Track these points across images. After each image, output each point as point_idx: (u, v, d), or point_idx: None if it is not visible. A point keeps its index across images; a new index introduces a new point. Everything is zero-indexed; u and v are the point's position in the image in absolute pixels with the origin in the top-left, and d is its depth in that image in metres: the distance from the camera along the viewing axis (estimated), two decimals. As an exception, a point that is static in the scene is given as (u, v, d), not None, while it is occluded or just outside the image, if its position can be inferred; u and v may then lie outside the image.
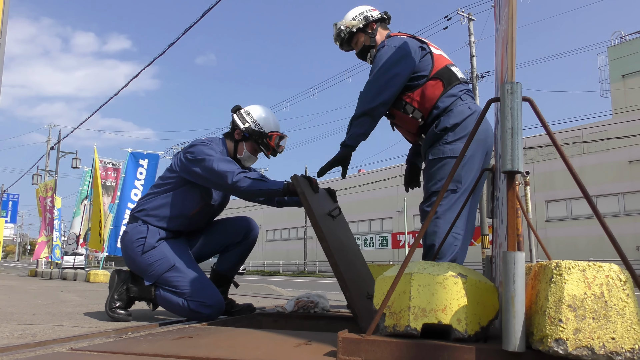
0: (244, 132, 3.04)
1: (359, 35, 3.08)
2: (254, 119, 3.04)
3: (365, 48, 3.06)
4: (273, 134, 3.03)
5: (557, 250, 21.91)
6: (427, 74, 2.79)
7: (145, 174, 10.89)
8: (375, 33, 3.05)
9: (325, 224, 2.48)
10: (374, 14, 3.10)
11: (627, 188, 21.34)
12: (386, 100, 2.73)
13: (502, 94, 1.45)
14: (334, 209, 2.79)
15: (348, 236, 2.93)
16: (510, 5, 1.48)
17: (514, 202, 1.44)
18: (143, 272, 2.89)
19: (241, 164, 3.11)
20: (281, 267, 36.07)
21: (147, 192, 3.11)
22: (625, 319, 1.27)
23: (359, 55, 3.14)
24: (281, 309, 3.12)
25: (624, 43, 24.14)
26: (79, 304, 4.22)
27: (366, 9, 3.13)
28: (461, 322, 1.48)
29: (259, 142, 3.05)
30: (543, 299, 1.34)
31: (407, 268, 1.60)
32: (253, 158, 3.14)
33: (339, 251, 2.45)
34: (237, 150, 3.09)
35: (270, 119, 3.08)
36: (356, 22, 3.08)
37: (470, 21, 21.38)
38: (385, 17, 3.13)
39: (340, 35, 3.13)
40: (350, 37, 3.10)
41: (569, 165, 1.48)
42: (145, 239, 2.90)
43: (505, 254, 1.38)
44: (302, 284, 15.85)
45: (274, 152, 3.09)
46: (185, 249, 3.01)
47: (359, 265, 2.80)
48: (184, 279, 2.82)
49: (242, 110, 3.11)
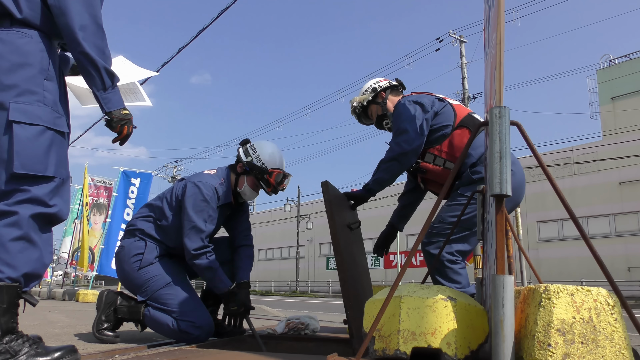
0: (246, 165, 3.05)
1: (371, 107, 3.24)
2: (258, 154, 3.05)
3: (380, 117, 3.20)
4: (274, 171, 3.03)
5: (549, 271, 21.90)
6: (452, 124, 2.87)
7: (137, 193, 10.81)
8: (385, 101, 3.19)
9: (343, 236, 2.46)
10: (382, 83, 3.25)
11: (618, 209, 21.47)
12: (415, 148, 2.79)
13: (491, 118, 1.47)
14: (355, 222, 2.82)
15: (360, 252, 2.94)
16: (498, 32, 1.51)
17: (502, 226, 1.44)
18: (137, 287, 2.87)
19: (241, 197, 3.13)
20: (273, 286, 35.80)
21: (146, 213, 3.06)
22: (613, 344, 1.27)
23: (377, 126, 3.27)
24: (272, 331, 3.10)
25: (613, 66, 24.52)
26: (67, 324, 4.16)
27: (374, 81, 3.29)
28: (451, 346, 1.48)
29: (259, 178, 3.05)
30: (532, 323, 1.34)
31: (396, 291, 1.60)
32: (253, 193, 3.13)
33: (350, 267, 2.43)
34: (237, 183, 3.10)
35: (274, 156, 3.08)
36: (366, 96, 3.24)
37: (461, 43, 21.68)
38: (395, 84, 3.26)
39: (355, 111, 3.30)
40: (364, 111, 3.27)
41: (555, 187, 1.49)
42: (143, 255, 2.89)
43: (495, 277, 1.38)
44: (294, 304, 15.73)
45: (274, 189, 3.08)
46: (181, 268, 3.00)
47: (364, 283, 2.79)
48: (176, 297, 2.81)
49: (248, 144, 3.14)
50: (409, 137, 2.78)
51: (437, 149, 2.86)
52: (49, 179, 1.78)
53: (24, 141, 1.72)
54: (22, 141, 1.71)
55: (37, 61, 1.81)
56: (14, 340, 1.69)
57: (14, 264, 1.68)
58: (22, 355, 1.69)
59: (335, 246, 2.34)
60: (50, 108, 1.81)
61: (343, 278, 2.26)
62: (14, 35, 1.79)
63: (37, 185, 1.75)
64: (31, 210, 1.73)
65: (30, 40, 1.82)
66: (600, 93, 24.58)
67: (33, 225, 1.74)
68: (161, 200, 3.05)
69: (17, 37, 1.79)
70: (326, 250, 35.28)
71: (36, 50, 1.82)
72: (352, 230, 2.74)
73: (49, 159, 1.79)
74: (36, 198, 1.75)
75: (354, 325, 2.22)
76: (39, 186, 1.76)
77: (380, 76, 3.62)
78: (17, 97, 1.74)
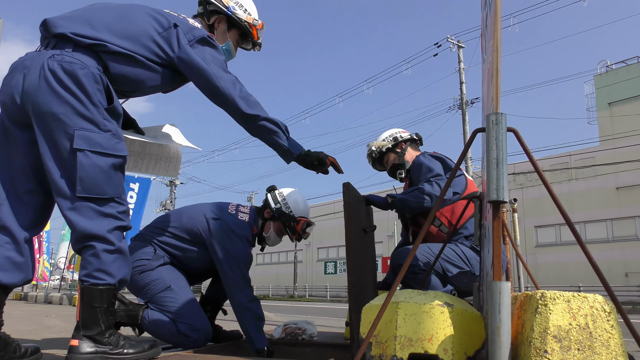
0: (274, 212, 3.06)
1: (389, 155, 3.35)
2: (286, 201, 3.08)
3: (395, 166, 3.31)
4: (302, 220, 3.08)
5: (547, 276, 21.90)
6: (460, 192, 2.99)
7: (136, 198, 10.78)
8: (404, 152, 3.33)
9: (357, 240, 2.47)
10: (404, 135, 3.38)
11: (615, 214, 21.50)
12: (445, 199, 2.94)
13: (488, 125, 1.47)
14: (370, 226, 2.83)
15: (371, 256, 2.95)
16: (495, 39, 1.52)
17: (499, 232, 1.45)
18: (138, 290, 2.87)
19: (265, 242, 3.15)
20: (271, 291, 35.73)
21: (166, 226, 3.00)
22: (610, 350, 1.27)
23: (390, 173, 3.38)
24: (269, 336, 3.09)
25: (610, 72, 24.62)
26: (63, 329, 4.15)
27: (396, 130, 3.41)
28: (447, 352, 1.48)
29: (286, 225, 3.07)
30: (529, 330, 1.34)
31: (393, 297, 1.60)
32: (277, 240, 3.15)
33: (360, 271, 2.43)
34: (264, 228, 3.11)
35: (301, 204, 3.12)
36: (386, 143, 3.36)
37: (459, 48, 21.75)
38: (415, 138, 3.40)
39: (371, 155, 3.41)
40: (380, 156, 3.38)
41: (551, 193, 1.50)
42: (149, 262, 2.88)
43: (491, 284, 1.38)
44: (291, 308, 15.70)
45: (298, 237, 3.11)
46: (182, 273, 2.99)
47: (371, 287, 2.79)
48: (176, 300, 2.81)
49: (276, 191, 3.17)
50: (450, 191, 2.91)
51: (440, 211, 3.01)
52: (110, 199, 1.95)
53: (86, 167, 1.88)
54: (84, 167, 1.88)
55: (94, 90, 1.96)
56: (113, 334, 1.95)
57: (112, 272, 1.92)
58: (121, 347, 1.94)
59: (348, 249, 2.33)
60: (111, 134, 1.96)
61: (352, 282, 2.26)
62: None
63: (107, 204, 1.94)
64: (112, 224, 1.94)
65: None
66: (598, 98, 24.66)
67: (119, 236, 1.96)
68: (180, 229, 2.98)
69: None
70: (324, 255, 35.25)
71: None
72: (366, 233, 2.75)
73: (110, 181, 1.95)
74: (111, 214, 1.94)
75: (356, 330, 2.22)
76: (109, 205, 1.95)
77: (379, 80, 3.71)
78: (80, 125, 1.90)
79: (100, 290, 1.89)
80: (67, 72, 1.88)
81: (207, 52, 2.21)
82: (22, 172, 1.98)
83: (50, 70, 1.87)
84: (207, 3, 2.55)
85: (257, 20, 2.64)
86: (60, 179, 1.89)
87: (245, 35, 2.64)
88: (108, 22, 2.07)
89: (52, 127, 1.87)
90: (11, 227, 1.94)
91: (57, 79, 1.87)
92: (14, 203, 1.96)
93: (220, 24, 2.55)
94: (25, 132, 1.95)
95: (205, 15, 2.52)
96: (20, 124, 1.95)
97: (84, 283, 1.90)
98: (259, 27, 2.66)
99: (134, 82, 2.13)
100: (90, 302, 1.88)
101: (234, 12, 2.55)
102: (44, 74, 1.87)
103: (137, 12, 2.17)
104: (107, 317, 1.93)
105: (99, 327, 1.90)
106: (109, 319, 1.95)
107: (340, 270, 32.64)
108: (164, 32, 2.15)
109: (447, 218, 3.02)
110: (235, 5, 2.57)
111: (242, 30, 2.61)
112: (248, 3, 2.64)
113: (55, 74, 1.87)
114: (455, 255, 2.93)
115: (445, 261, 2.90)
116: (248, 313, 2.74)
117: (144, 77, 2.13)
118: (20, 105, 1.91)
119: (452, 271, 2.91)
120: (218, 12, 2.54)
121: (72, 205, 1.88)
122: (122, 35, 2.06)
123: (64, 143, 1.87)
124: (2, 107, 1.97)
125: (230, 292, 2.81)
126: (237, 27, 2.60)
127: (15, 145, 1.97)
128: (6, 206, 1.95)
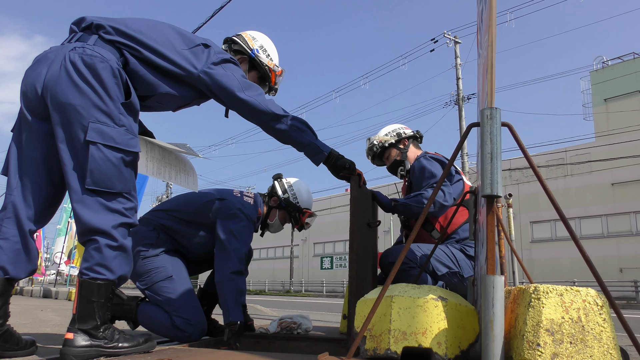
0: (282, 201, 3.11)
1: (391, 150, 3.32)
2: (294, 192, 3.12)
3: (396, 163, 3.29)
4: (307, 211, 3.14)
5: (542, 272, 22.00)
6: (457, 198, 3.02)
7: (131, 192, 10.78)
8: (407, 149, 3.30)
9: (361, 235, 2.47)
10: (407, 131, 3.35)
11: (610, 210, 21.59)
12: (448, 206, 2.97)
13: (482, 120, 1.48)
14: (374, 221, 2.84)
15: (372, 251, 2.95)
16: (490, 34, 1.52)
17: (493, 226, 1.45)
18: (138, 276, 2.86)
19: (268, 228, 3.18)
20: (267, 286, 35.79)
21: (172, 209, 3.00)
22: (602, 344, 1.28)
23: (390, 169, 3.37)
24: (264, 330, 3.09)
25: (606, 68, 24.66)
26: (58, 323, 4.15)
27: (399, 126, 3.37)
28: (441, 346, 1.49)
29: (291, 214, 3.12)
30: (522, 323, 1.35)
31: (388, 291, 1.61)
32: (280, 227, 3.20)
33: (361, 266, 2.44)
34: (269, 215, 3.15)
35: (305, 195, 3.16)
36: (389, 138, 3.31)
37: (456, 44, 21.74)
38: (417, 135, 3.37)
39: (372, 150, 3.36)
40: (382, 151, 3.34)
41: (546, 188, 1.50)
42: (152, 246, 2.88)
43: (485, 278, 1.39)
44: (287, 303, 15.73)
45: (301, 227, 3.17)
46: (183, 264, 2.99)
47: (370, 283, 2.80)
48: (174, 292, 2.80)
49: (283, 180, 3.20)
50: (450, 198, 2.94)
51: (435, 217, 3.04)
52: (118, 194, 1.97)
53: (97, 160, 1.89)
54: (95, 160, 1.89)
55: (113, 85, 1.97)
56: (108, 329, 1.96)
57: (112, 268, 1.94)
58: (116, 341, 1.96)
59: (351, 243, 2.35)
60: (125, 129, 1.98)
61: (352, 276, 2.27)
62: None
63: (115, 199, 1.96)
64: (118, 220, 1.95)
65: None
66: (594, 95, 24.72)
67: (123, 233, 1.97)
68: (185, 213, 2.99)
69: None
70: (320, 250, 35.30)
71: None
72: (371, 228, 2.76)
73: (120, 176, 1.96)
74: (117, 210, 1.96)
75: (352, 325, 2.23)
76: (117, 200, 1.96)
77: (376, 76, 3.72)
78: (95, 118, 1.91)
79: (98, 284, 1.91)
80: (87, 65, 1.91)
81: (234, 70, 2.29)
82: (34, 164, 2.00)
83: (71, 62, 1.90)
84: (232, 42, 2.66)
85: (278, 66, 2.73)
86: (72, 170, 1.91)
87: (263, 78, 2.73)
88: (139, 27, 2.14)
89: (69, 118, 1.88)
90: (21, 217, 1.96)
91: (77, 70, 1.90)
92: (23, 194, 1.98)
93: (242, 64, 2.64)
94: (43, 123, 1.97)
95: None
96: (39, 115, 1.97)
97: (84, 276, 1.91)
98: (278, 73, 2.75)
99: (150, 84, 2.16)
100: (88, 295, 1.90)
101: (257, 55, 2.65)
102: (64, 65, 1.90)
103: (165, 26, 2.25)
104: (103, 312, 1.94)
105: (95, 321, 1.91)
106: (105, 314, 1.96)
107: (337, 265, 32.66)
108: (191, 49, 2.23)
109: (440, 223, 3.04)
110: (260, 49, 2.67)
111: (261, 73, 2.70)
112: (271, 49, 2.74)
113: (76, 66, 1.90)
114: (445, 256, 2.96)
115: (435, 260, 2.93)
116: (230, 282, 2.72)
117: (160, 81, 2.17)
118: (40, 96, 1.93)
119: (441, 270, 2.93)
120: (242, 53, 2.65)
121: (80, 197, 1.90)
122: (151, 38, 2.13)
123: (78, 134, 1.89)
124: (23, 97, 1.99)
125: (219, 263, 2.78)
126: (257, 69, 2.70)
127: (30, 136, 1.99)
128: (17, 196, 1.97)
